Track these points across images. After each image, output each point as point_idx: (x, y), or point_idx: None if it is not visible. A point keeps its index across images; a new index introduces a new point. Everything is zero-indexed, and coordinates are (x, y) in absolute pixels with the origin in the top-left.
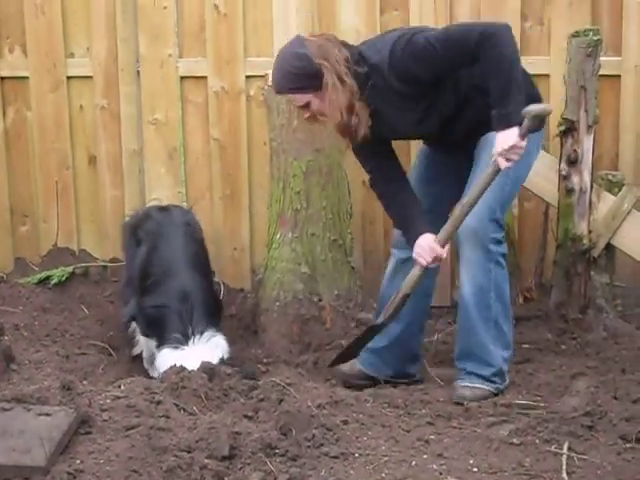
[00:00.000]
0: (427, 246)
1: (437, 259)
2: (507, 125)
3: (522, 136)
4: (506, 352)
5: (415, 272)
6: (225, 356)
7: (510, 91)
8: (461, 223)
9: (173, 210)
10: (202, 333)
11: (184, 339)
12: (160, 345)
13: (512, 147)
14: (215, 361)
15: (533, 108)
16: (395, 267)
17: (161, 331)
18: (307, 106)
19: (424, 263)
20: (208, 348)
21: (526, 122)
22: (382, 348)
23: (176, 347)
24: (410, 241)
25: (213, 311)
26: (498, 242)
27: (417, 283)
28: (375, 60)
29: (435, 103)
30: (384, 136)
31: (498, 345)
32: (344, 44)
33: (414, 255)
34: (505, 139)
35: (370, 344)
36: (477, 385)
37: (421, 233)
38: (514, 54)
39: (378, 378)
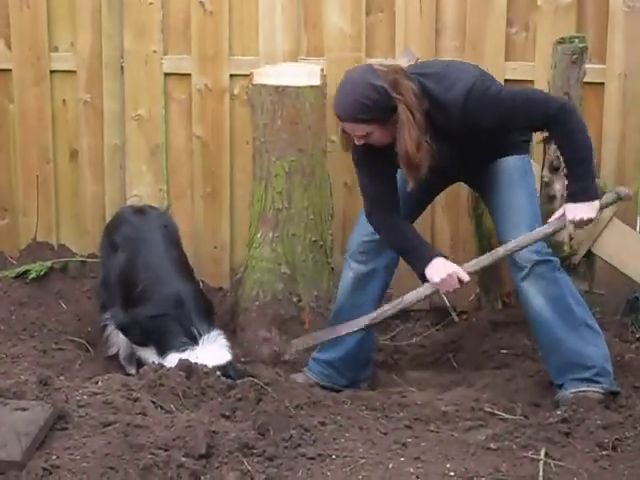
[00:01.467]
0: (452, 272)
1: (460, 285)
2: (588, 198)
3: (600, 210)
4: (606, 349)
5: (426, 292)
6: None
7: (590, 166)
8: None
9: (149, 212)
10: (208, 334)
11: (191, 342)
12: (164, 352)
13: (589, 220)
14: (225, 360)
15: (621, 189)
16: (354, 281)
17: (163, 339)
18: (366, 135)
19: (449, 290)
20: (217, 347)
21: (609, 199)
22: (337, 359)
23: (184, 350)
24: (419, 268)
25: (208, 312)
26: (550, 253)
27: (421, 301)
28: (443, 98)
29: (469, 143)
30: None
31: (595, 345)
32: (408, 75)
33: (435, 279)
34: (585, 211)
35: (324, 356)
36: (582, 389)
37: (431, 258)
38: (588, 134)
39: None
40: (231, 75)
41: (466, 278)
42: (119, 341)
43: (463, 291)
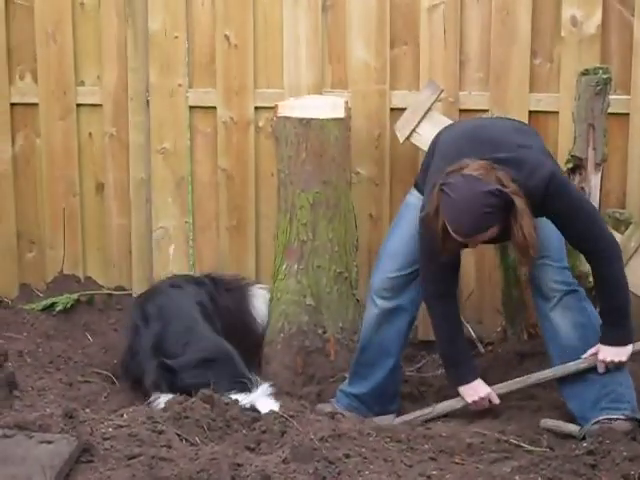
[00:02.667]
0: (485, 396)
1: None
2: (621, 344)
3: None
4: (629, 378)
5: (456, 406)
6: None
7: (624, 314)
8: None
9: (186, 286)
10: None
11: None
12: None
13: (620, 362)
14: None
15: None
16: (380, 317)
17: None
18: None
19: (477, 409)
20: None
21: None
22: (365, 393)
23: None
24: (456, 381)
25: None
26: (576, 283)
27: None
28: (527, 185)
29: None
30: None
31: (620, 373)
32: (496, 167)
33: (467, 398)
34: (618, 354)
35: (352, 389)
36: (605, 416)
37: (471, 380)
38: (627, 284)
39: None
40: (256, 108)
41: (497, 401)
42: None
43: (489, 322)
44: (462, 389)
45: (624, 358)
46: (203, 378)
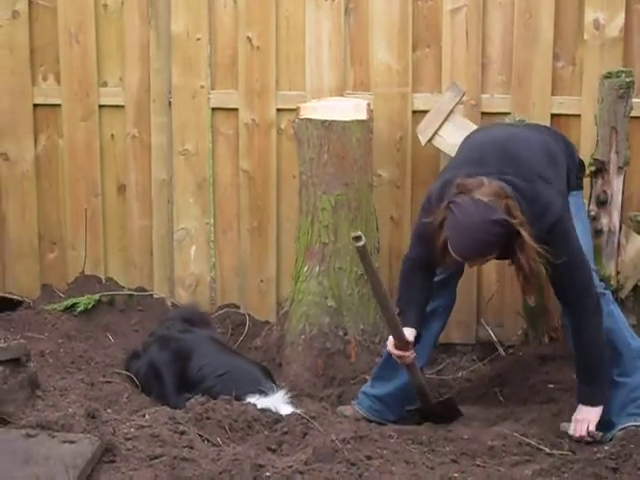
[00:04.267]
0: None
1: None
2: (590, 404)
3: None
4: None
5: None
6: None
7: (601, 372)
8: None
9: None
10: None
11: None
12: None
13: (589, 424)
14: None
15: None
16: None
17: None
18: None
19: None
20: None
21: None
22: (386, 395)
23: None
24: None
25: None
26: (603, 286)
27: (416, 379)
28: (534, 221)
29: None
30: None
31: None
32: (509, 194)
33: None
34: (589, 413)
35: (375, 391)
36: (632, 423)
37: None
38: (604, 343)
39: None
40: (278, 110)
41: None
42: None
43: (510, 326)
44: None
45: (593, 420)
46: (224, 387)
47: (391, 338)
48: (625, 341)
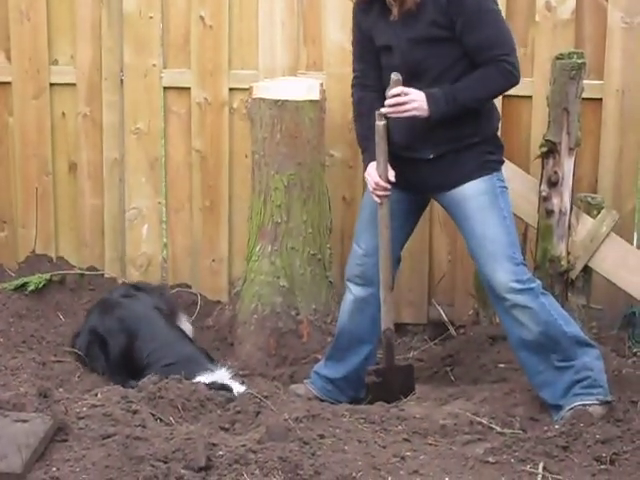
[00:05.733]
0: (374, 181)
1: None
2: (433, 102)
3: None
4: (600, 362)
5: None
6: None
7: (468, 103)
8: None
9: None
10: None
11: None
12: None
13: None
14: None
15: None
16: (354, 304)
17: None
18: None
19: (378, 199)
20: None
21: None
22: (339, 379)
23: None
24: (364, 161)
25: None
26: (531, 279)
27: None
28: None
29: (430, 47)
30: (379, 42)
31: (589, 358)
32: None
33: (369, 187)
34: (417, 98)
35: (326, 372)
36: (579, 403)
37: (367, 162)
38: (498, 95)
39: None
40: (230, 89)
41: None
42: None
43: (461, 305)
44: (366, 175)
45: (415, 101)
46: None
47: (376, 172)
48: (560, 330)
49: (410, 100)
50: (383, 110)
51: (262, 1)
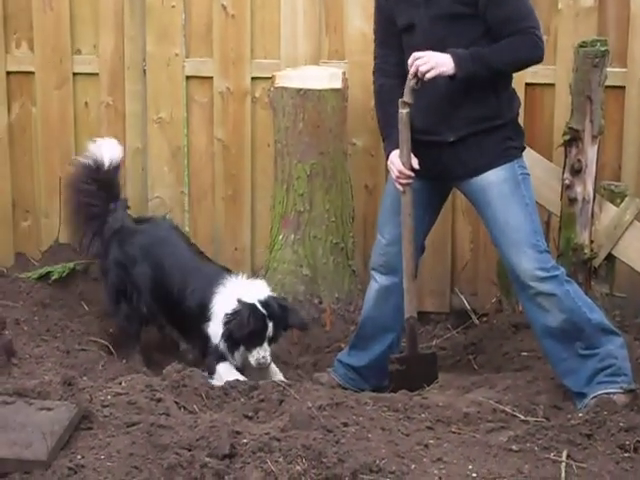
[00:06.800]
0: (397, 169)
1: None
2: (458, 59)
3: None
4: (624, 350)
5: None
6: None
7: (494, 64)
8: None
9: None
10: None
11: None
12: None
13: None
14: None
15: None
16: (379, 293)
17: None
18: None
19: (400, 187)
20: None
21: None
22: (362, 367)
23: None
24: (386, 149)
25: None
26: (555, 266)
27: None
28: None
29: (452, 24)
30: (401, 22)
31: (613, 346)
32: None
33: (392, 175)
34: (438, 55)
35: (350, 360)
36: (603, 391)
37: (389, 149)
38: (523, 65)
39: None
40: (253, 78)
41: (409, 173)
42: None
43: (484, 294)
44: (389, 163)
45: (439, 64)
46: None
47: (399, 160)
48: (585, 317)
49: (431, 56)
50: (410, 72)
51: None
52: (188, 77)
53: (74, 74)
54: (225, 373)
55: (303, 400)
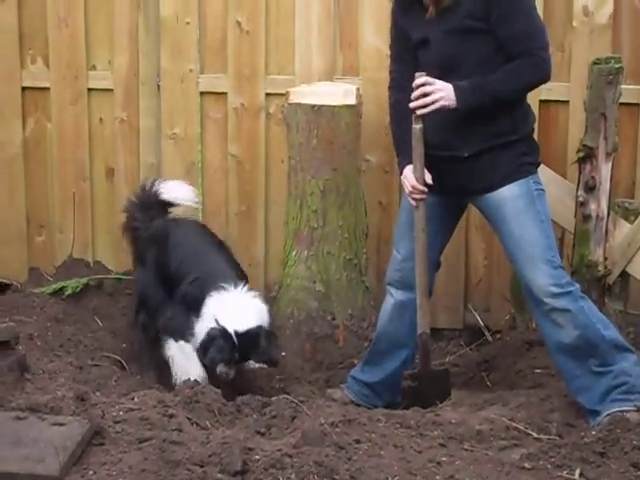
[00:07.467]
0: (411, 184)
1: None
2: (460, 92)
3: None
4: (638, 367)
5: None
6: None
7: (497, 94)
8: None
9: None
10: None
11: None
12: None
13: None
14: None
15: None
16: (394, 308)
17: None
18: None
19: (415, 202)
20: (255, 301)
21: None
22: (376, 383)
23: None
24: (400, 164)
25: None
26: (569, 282)
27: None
28: None
29: (465, 39)
30: (415, 37)
31: (627, 364)
32: None
33: (406, 190)
34: (442, 87)
35: (363, 377)
36: (616, 409)
37: (403, 165)
38: (528, 89)
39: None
40: (267, 94)
41: (422, 188)
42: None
43: (497, 311)
44: (402, 179)
45: (442, 93)
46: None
47: (412, 175)
48: (599, 334)
49: (435, 90)
50: (411, 105)
51: (299, 5)
52: (202, 93)
53: (89, 90)
54: (186, 352)
55: (315, 416)
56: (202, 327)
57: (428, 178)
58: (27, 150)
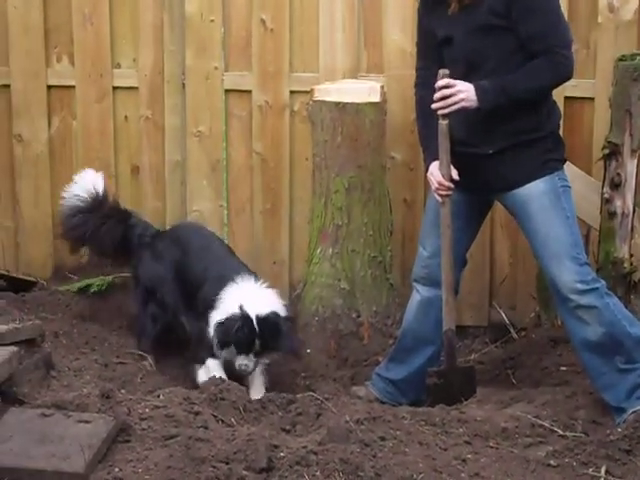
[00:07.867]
0: (437, 180)
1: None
2: (482, 92)
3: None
4: None
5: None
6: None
7: (517, 94)
8: None
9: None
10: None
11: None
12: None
13: (451, 94)
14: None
15: None
16: (421, 305)
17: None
18: None
19: (441, 198)
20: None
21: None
22: (401, 380)
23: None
24: (426, 161)
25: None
26: (595, 279)
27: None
28: None
29: (487, 36)
30: (440, 35)
31: None
32: None
33: (432, 186)
34: (464, 87)
35: (388, 374)
36: None
37: (428, 161)
38: (549, 89)
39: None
40: (291, 92)
41: (448, 184)
42: None
43: (523, 308)
44: (428, 175)
45: (464, 93)
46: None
47: (438, 172)
48: (625, 331)
49: (457, 91)
50: (433, 106)
51: (323, 4)
52: (227, 91)
53: (114, 88)
54: (212, 368)
55: (340, 414)
56: (218, 314)
57: (454, 174)
58: (53, 148)
